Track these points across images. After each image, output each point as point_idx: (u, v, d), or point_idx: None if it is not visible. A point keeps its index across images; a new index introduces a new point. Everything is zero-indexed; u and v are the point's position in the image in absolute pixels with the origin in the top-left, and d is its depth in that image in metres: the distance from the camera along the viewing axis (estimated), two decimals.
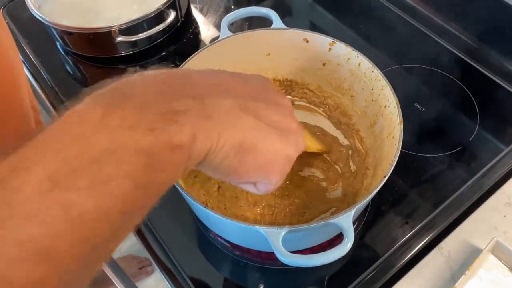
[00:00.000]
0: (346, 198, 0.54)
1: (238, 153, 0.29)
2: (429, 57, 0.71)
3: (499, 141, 0.62)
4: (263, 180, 0.32)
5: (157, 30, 0.70)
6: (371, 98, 0.55)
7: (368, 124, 0.57)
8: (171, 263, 0.53)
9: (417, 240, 0.54)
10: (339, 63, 0.57)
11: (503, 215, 0.55)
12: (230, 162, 0.29)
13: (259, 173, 0.31)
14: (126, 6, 0.71)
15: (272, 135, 0.31)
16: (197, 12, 0.81)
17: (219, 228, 0.52)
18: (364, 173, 0.55)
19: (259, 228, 0.41)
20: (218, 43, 0.56)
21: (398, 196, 0.57)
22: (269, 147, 0.30)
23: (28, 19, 0.74)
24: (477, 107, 0.65)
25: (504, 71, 0.68)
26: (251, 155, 0.29)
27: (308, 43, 0.57)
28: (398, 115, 0.49)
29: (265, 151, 0.30)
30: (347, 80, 0.58)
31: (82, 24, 0.68)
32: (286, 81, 0.63)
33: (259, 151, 0.30)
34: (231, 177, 0.31)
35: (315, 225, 0.42)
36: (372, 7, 0.80)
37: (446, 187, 0.57)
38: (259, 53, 0.60)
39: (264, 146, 0.30)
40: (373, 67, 0.53)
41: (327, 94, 0.62)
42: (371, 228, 0.55)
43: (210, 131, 0.27)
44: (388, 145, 0.49)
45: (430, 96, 0.67)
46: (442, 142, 0.62)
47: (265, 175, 0.31)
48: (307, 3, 0.83)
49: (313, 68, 0.60)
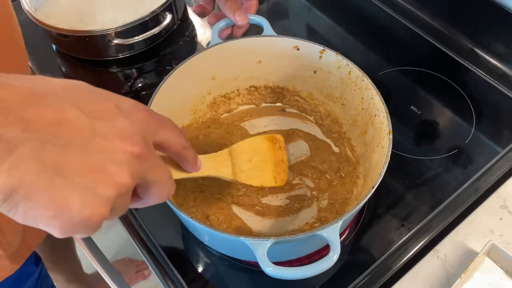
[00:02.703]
0: (334, 208, 0.54)
1: (10, 199, 0.23)
2: (425, 60, 0.71)
3: (495, 143, 0.62)
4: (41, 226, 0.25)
5: (153, 33, 0.70)
6: (362, 107, 0.55)
7: (359, 133, 0.56)
8: (167, 267, 0.53)
9: (413, 243, 0.53)
10: (330, 71, 0.57)
11: (499, 218, 0.55)
12: (0, 206, 0.23)
13: (36, 225, 0.24)
14: (122, 9, 0.71)
15: (69, 186, 0.24)
16: (194, 14, 0.81)
17: (204, 238, 0.52)
18: (354, 182, 0.55)
19: (244, 239, 0.40)
20: (208, 50, 0.57)
21: (394, 199, 0.57)
22: (54, 200, 0.24)
23: (24, 22, 0.74)
24: (473, 110, 0.65)
25: (500, 74, 0.69)
26: (24, 206, 0.23)
27: (299, 50, 0.57)
28: (387, 124, 0.48)
29: (45, 204, 0.24)
30: (338, 88, 0.58)
31: (78, 27, 0.68)
32: (278, 88, 0.63)
33: (35, 204, 0.24)
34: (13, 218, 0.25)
35: (301, 236, 0.42)
36: (368, 10, 0.80)
37: (442, 190, 0.57)
38: (250, 60, 0.60)
39: (47, 197, 0.24)
40: (363, 76, 0.53)
41: (318, 102, 0.62)
42: (367, 231, 0.55)
43: None
44: (378, 155, 0.49)
45: (426, 99, 0.67)
46: (438, 145, 0.62)
47: (46, 228, 0.25)
48: (304, 6, 0.83)
49: (304, 75, 0.60)
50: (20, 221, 0.24)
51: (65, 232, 0.25)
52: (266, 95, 0.64)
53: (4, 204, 0.23)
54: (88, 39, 0.68)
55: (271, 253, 0.40)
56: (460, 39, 0.72)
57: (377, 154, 0.49)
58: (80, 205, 0.24)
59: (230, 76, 0.61)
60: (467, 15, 0.71)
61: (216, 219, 0.53)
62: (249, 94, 0.64)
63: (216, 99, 0.62)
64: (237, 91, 0.63)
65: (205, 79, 0.60)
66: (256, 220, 0.54)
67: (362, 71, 0.53)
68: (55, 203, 0.24)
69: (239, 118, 0.63)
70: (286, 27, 0.79)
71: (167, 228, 0.56)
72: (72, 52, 0.74)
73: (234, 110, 0.64)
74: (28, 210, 0.24)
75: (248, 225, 0.53)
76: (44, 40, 0.75)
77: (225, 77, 0.61)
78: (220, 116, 0.63)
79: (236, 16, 0.58)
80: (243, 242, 0.40)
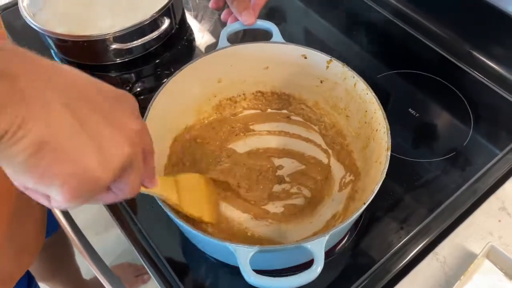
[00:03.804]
0: (330, 221, 0.54)
1: (37, 152, 0.25)
2: (423, 63, 0.71)
3: (493, 145, 0.62)
4: (55, 194, 0.27)
5: (151, 37, 0.70)
6: (365, 120, 0.55)
7: (361, 147, 0.56)
8: (167, 271, 0.53)
9: (412, 245, 0.54)
10: (336, 81, 0.57)
11: (498, 220, 0.55)
12: (25, 159, 0.25)
13: (52, 184, 0.26)
14: (120, 13, 0.71)
15: (91, 148, 0.26)
16: (192, 18, 0.82)
17: (194, 240, 0.52)
18: (352, 196, 0.55)
19: (228, 244, 0.40)
20: (215, 53, 0.56)
21: (393, 202, 0.57)
22: (79, 160, 0.26)
23: (22, 27, 0.74)
24: (471, 112, 0.65)
25: (497, 76, 0.69)
26: (50, 159, 0.25)
27: (306, 59, 0.57)
28: (387, 141, 0.48)
29: (71, 162, 0.26)
30: (343, 99, 0.58)
31: (77, 32, 0.68)
32: (284, 95, 0.63)
33: (64, 159, 0.26)
34: (25, 179, 0.26)
35: (286, 247, 0.42)
36: (367, 14, 0.80)
37: (440, 192, 0.58)
38: (257, 65, 0.60)
39: (75, 156, 0.26)
40: (368, 89, 0.53)
41: (324, 112, 0.62)
42: (366, 234, 0.55)
43: (9, 116, 0.23)
44: (375, 171, 0.49)
45: (424, 102, 0.67)
46: (436, 147, 0.62)
47: (58, 188, 0.26)
48: (301, 9, 0.83)
49: (310, 84, 0.60)
50: (36, 178, 0.26)
51: (76, 192, 0.27)
52: (272, 101, 0.64)
53: (31, 157, 0.25)
54: (87, 43, 0.68)
55: (257, 260, 0.40)
56: (458, 42, 0.73)
57: (375, 169, 0.49)
58: (96, 166, 0.27)
59: (236, 79, 0.61)
60: (465, 18, 0.71)
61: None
62: (255, 99, 0.64)
63: (222, 101, 0.63)
64: (243, 95, 0.63)
65: (211, 81, 0.60)
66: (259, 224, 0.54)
67: (367, 85, 0.53)
68: (78, 160, 0.26)
69: (244, 123, 0.63)
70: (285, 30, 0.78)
71: (166, 233, 0.56)
72: (71, 57, 0.74)
73: (240, 114, 0.64)
74: (51, 165, 0.25)
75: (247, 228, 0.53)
76: (43, 45, 0.75)
77: (231, 80, 0.61)
78: (224, 118, 0.63)
79: (243, 16, 0.58)
80: (228, 247, 0.41)
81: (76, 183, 0.26)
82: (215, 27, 0.80)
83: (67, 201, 0.27)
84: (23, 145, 0.24)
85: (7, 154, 0.24)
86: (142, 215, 0.57)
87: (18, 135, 0.24)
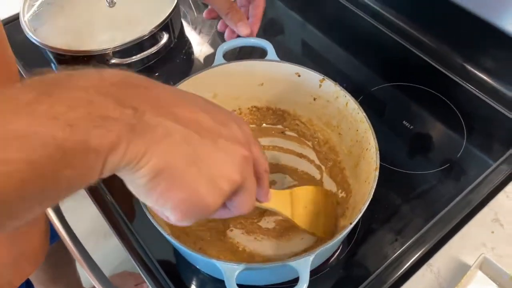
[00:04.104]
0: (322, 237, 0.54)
1: (156, 177, 0.28)
2: (417, 75, 0.72)
3: (487, 156, 0.63)
4: (165, 213, 0.31)
5: (150, 52, 0.71)
6: (356, 139, 0.56)
7: (352, 165, 0.57)
8: (164, 281, 0.54)
9: (407, 257, 0.54)
10: (328, 100, 0.58)
11: (491, 231, 0.56)
12: (146, 183, 0.28)
13: (166, 205, 0.29)
14: (120, 28, 0.72)
15: (203, 176, 0.29)
16: (190, 31, 0.83)
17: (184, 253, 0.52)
18: (343, 213, 0.56)
19: (215, 261, 0.41)
20: (211, 70, 0.58)
21: (388, 213, 0.58)
22: (192, 187, 0.29)
23: (23, 41, 0.75)
24: (464, 124, 0.66)
25: (489, 88, 0.70)
26: (169, 185, 0.28)
27: (300, 77, 0.58)
28: (375, 160, 0.49)
29: (185, 188, 0.29)
30: (336, 117, 0.59)
31: (77, 47, 0.69)
32: (279, 111, 0.65)
33: (179, 185, 0.28)
34: (144, 198, 0.30)
35: (272, 265, 0.43)
36: (362, 27, 0.81)
37: (435, 203, 0.58)
38: (252, 82, 0.61)
39: (188, 182, 0.29)
40: (359, 109, 0.54)
41: (318, 128, 0.63)
42: (362, 245, 0.55)
43: (137, 147, 0.26)
44: (364, 190, 0.49)
45: (418, 114, 0.68)
46: (430, 159, 0.63)
47: (170, 210, 0.30)
48: (299, 22, 0.84)
49: (304, 101, 0.61)
50: (153, 200, 0.29)
51: (186, 215, 0.30)
52: (267, 116, 0.65)
53: (150, 182, 0.28)
54: (87, 58, 0.69)
55: (245, 277, 0.41)
56: (451, 55, 0.74)
57: (364, 188, 0.50)
58: (205, 193, 0.29)
59: (231, 95, 0.63)
60: (458, 32, 0.72)
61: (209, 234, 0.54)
62: (251, 113, 0.65)
63: None
64: (239, 109, 0.65)
65: (207, 96, 0.59)
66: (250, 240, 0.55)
67: (359, 104, 0.54)
68: (189, 187, 0.29)
69: None
70: (281, 42, 0.80)
71: (164, 243, 0.57)
72: None
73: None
74: (165, 191, 0.28)
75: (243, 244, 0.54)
76: (43, 59, 0.77)
77: (226, 96, 0.62)
78: None
79: (239, 27, 0.59)
80: (215, 264, 0.42)
81: (186, 207, 0.29)
82: (213, 40, 0.81)
83: (179, 220, 0.30)
84: (143, 172, 0.27)
85: (130, 177, 0.28)
86: (140, 223, 0.58)
87: (141, 163, 0.27)
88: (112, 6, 0.74)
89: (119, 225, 0.58)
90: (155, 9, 0.73)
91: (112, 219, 0.59)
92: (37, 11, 0.74)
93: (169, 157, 0.27)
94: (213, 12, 0.66)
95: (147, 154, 0.27)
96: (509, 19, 0.63)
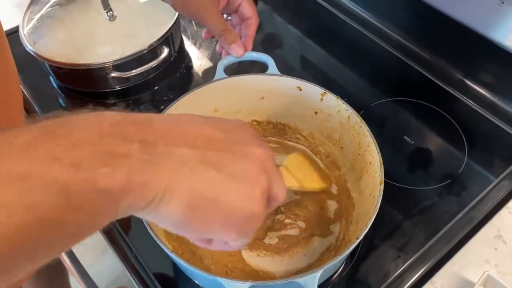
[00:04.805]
0: (325, 253, 0.54)
1: (190, 208, 0.27)
2: (418, 91, 0.72)
3: (488, 172, 0.63)
4: (219, 239, 0.30)
5: (150, 66, 0.71)
6: (359, 152, 0.55)
7: (355, 178, 0.57)
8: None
9: (409, 274, 0.54)
10: (330, 113, 0.58)
11: (494, 248, 0.55)
12: (182, 217, 0.27)
13: (213, 231, 0.29)
14: (120, 42, 0.72)
15: (233, 190, 0.28)
16: (190, 46, 0.83)
17: (187, 271, 0.52)
18: (347, 228, 0.55)
19: (221, 279, 0.41)
20: (212, 84, 0.57)
21: (390, 229, 0.57)
22: (227, 204, 0.28)
23: (22, 54, 0.75)
24: (465, 139, 0.66)
25: (489, 104, 0.70)
26: (205, 211, 0.27)
27: (301, 91, 0.58)
28: (380, 174, 0.49)
29: (221, 208, 0.28)
30: (338, 131, 0.59)
31: (76, 60, 0.69)
32: (280, 124, 0.64)
33: (214, 207, 0.27)
34: (184, 233, 0.29)
35: (279, 282, 0.42)
36: (362, 42, 0.81)
37: (437, 220, 0.58)
38: (253, 96, 0.61)
39: (221, 201, 0.28)
40: (361, 122, 0.54)
41: (319, 142, 0.62)
42: (364, 262, 0.55)
43: (153, 181, 0.25)
44: (369, 204, 0.49)
45: (419, 129, 0.68)
46: (432, 175, 0.63)
47: (220, 234, 0.29)
48: (298, 37, 0.85)
49: (305, 115, 0.61)
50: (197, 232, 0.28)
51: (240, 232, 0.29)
52: (268, 130, 0.65)
53: (185, 215, 0.27)
54: (86, 72, 0.69)
55: None
56: (451, 71, 0.74)
57: (368, 203, 0.49)
58: (244, 203, 0.28)
59: (232, 109, 0.62)
60: (458, 48, 0.73)
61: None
62: (252, 127, 0.65)
63: None
64: None
65: (208, 110, 0.61)
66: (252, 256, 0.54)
67: (361, 118, 0.54)
68: (226, 205, 0.28)
69: None
70: (280, 57, 0.80)
71: (161, 257, 0.56)
72: (70, 84, 0.75)
73: None
74: (205, 218, 0.27)
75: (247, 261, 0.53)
76: (42, 72, 0.76)
77: (227, 110, 0.62)
78: None
79: (232, 49, 0.59)
80: (220, 282, 0.41)
81: (235, 225, 0.29)
82: (213, 54, 0.81)
83: (236, 240, 0.30)
84: (173, 208, 0.26)
85: (159, 217, 0.26)
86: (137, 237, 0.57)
87: (165, 199, 0.26)
88: (113, 20, 0.74)
89: (115, 237, 0.57)
90: (155, 23, 0.73)
91: (108, 231, 0.58)
92: (36, 24, 0.74)
93: (193, 184, 0.27)
94: (210, 32, 0.66)
95: (170, 188, 0.26)
96: (506, 34, 0.63)
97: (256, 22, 0.61)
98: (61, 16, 0.75)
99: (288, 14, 0.88)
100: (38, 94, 0.75)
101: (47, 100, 0.75)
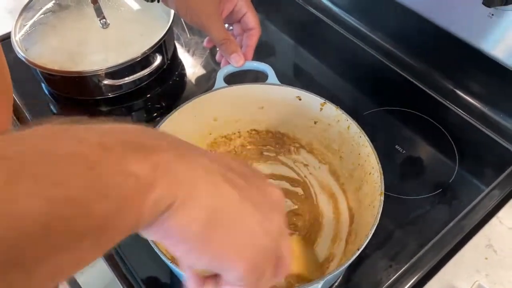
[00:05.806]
0: (324, 263, 0.54)
1: (209, 222, 0.24)
2: (409, 100, 0.73)
3: (479, 182, 0.64)
4: (229, 268, 0.26)
5: (143, 74, 0.71)
6: (358, 163, 0.55)
7: (354, 188, 0.57)
8: None
9: (401, 283, 0.54)
10: (330, 123, 0.58)
11: (485, 257, 0.55)
12: (198, 231, 0.24)
13: (226, 256, 0.25)
14: (113, 49, 0.72)
15: (253, 215, 0.26)
16: (183, 53, 0.83)
17: None
18: (346, 238, 0.55)
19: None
20: (212, 93, 0.57)
21: (381, 239, 0.57)
22: (246, 227, 0.26)
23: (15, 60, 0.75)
24: (456, 149, 0.66)
25: (479, 114, 0.71)
26: (223, 230, 0.25)
27: (301, 100, 0.58)
28: (380, 185, 0.48)
29: (241, 230, 0.26)
30: (337, 141, 0.59)
31: (69, 67, 0.69)
32: (278, 134, 0.64)
33: (233, 227, 0.25)
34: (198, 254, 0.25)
35: None
36: (354, 52, 0.82)
37: (428, 229, 0.58)
38: (253, 105, 0.61)
39: (244, 224, 0.26)
40: (361, 133, 0.54)
41: (318, 152, 0.63)
42: (356, 272, 0.55)
43: (184, 174, 0.23)
44: (369, 214, 0.49)
45: (410, 139, 0.69)
46: (423, 184, 0.63)
47: (232, 263, 0.26)
48: (291, 45, 0.85)
49: (305, 124, 0.61)
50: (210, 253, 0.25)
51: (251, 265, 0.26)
52: (267, 139, 0.65)
53: (205, 228, 0.24)
54: (79, 79, 0.69)
55: None
56: (442, 81, 0.75)
57: (368, 213, 0.49)
58: (261, 234, 0.26)
59: (231, 118, 0.62)
60: (449, 58, 0.73)
61: None
62: (250, 137, 0.65)
63: (217, 139, 0.64)
64: (238, 133, 0.65)
65: (207, 119, 0.61)
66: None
67: (361, 128, 0.54)
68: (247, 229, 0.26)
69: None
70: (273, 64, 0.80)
71: (153, 266, 0.55)
72: (62, 91, 0.74)
73: (234, 152, 0.65)
74: (223, 236, 0.25)
75: None
76: (34, 79, 0.76)
77: (227, 119, 0.62)
78: None
79: (232, 59, 0.59)
80: None
81: (250, 253, 0.26)
82: (206, 62, 0.81)
83: (242, 273, 0.26)
84: (195, 213, 0.24)
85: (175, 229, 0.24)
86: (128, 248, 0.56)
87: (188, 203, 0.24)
88: (106, 27, 0.74)
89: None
90: (148, 31, 0.73)
91: None
92: (29, 31, 0.73)
93: (217, 196, 0.25)
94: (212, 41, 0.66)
95: (195, 190, 0.24)
96: (496, 45, 0.64)
97: (258, 33, 0.62)
98: (54, 23, 0.75)
99: (281, 23, 0.88)
100: (29, 101, 0.74)
101: (38, 107, 0.75)
